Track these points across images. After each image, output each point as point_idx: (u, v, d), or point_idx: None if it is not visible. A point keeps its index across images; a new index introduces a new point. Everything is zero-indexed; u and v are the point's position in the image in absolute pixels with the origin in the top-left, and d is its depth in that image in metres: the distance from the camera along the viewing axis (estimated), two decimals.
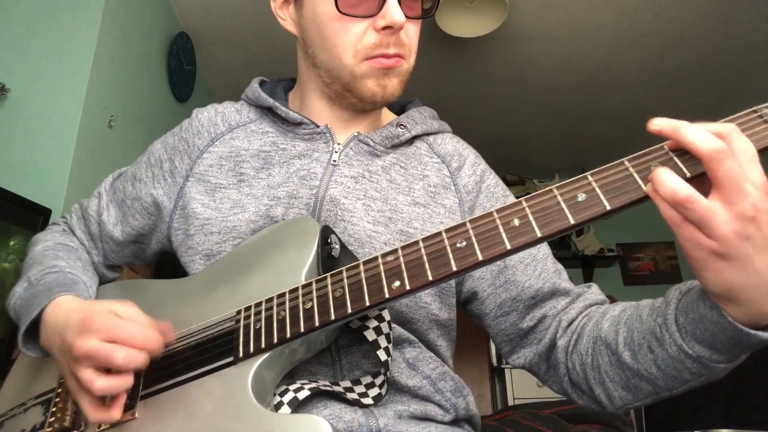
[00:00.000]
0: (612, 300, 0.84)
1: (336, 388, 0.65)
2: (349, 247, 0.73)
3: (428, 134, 0.90)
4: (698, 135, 0.47)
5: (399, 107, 0.95)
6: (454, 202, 0.84)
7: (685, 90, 3.34)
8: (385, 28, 0.74)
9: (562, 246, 4.18)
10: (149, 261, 0.94)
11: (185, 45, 2.75)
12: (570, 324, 0.77)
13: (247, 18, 2.71)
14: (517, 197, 0.93)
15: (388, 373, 0.68)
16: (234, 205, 0.78)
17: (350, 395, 0.65)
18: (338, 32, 0.76)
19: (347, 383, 0.67)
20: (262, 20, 2.73)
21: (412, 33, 0.79)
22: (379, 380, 0.68)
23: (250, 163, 0.82)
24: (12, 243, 1.43)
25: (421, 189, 0.83)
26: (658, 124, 0.50)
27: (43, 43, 1.86)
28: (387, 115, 0.92)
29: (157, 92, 2.49)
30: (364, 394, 0.66)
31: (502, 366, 3.18)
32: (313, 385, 0.62)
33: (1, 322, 1.36)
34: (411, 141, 0.88)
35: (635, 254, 4.29)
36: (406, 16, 0.75)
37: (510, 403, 3.14)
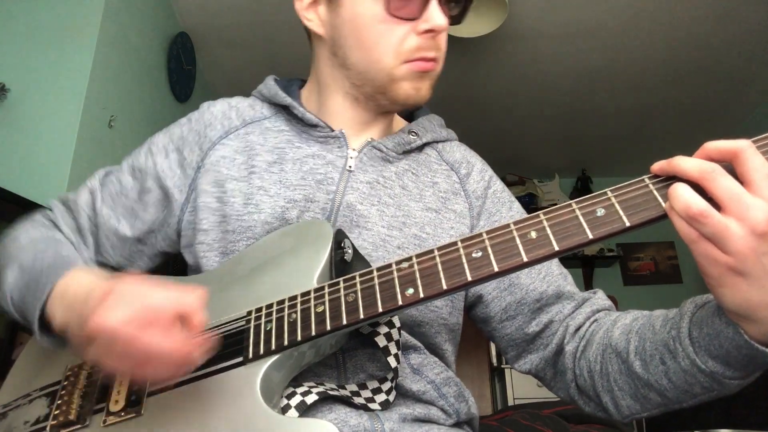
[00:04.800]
0: (613, 300, 0.84)
1: (343, 392, 0.65)
2: (363, 251, 0.73)
3: (437, 142, 0.91)
4: (687, 162, 0.49)
5: (407, 113, 0.96)
6: (464, 207, 0.85)
7: (685, 89, 3.34)
8: (426, 31, 0.75)
9: None
10: (143, 267, 0.88)
11: (185, 45, 2.75)
12: (578, 329, 0.77)
13: (247, 18, 2.71)
14: (517, 197, 0.94)
15: (396, 379, 0.68)
16: (246, 201, 0.77)
17: (357, 399, 0.65)
18: (381, 34, 0.76)
19: (354, 387, 0.67)
20: (262, 20, 2.73)
21: (445, 39, 0.80)
22: (385, 386, 0.68)
23: (263, 157, 0.81)
24: None
25: (432, 195, 0.84)
26: (657, 165, 0.52)
27: (43, 43, 1.86)
28: (398, 121, 0.93)
29: (157, 92, 2.49)
30: (371, 399, 0.66)
31: (502, 366, 3.17)
32: (321, 389, 0.62)
33: (1, 322, 1.36)
34: (421, 148, 0.89)
35: (635, 254, 4.29)
36: None
37: (510, 403, 3.14)
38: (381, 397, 0.67)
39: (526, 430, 1.06)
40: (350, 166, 0.81)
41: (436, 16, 0.75)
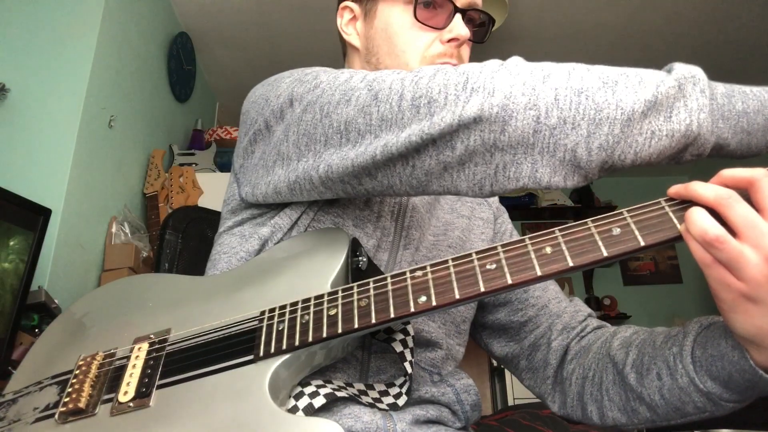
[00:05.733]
0: (613, 300, 0.86)
1: (351, 390, 0.65)
2: (420, 253, 0.79)
3: None
4: (703, 187, 0.49)
5: None
6: (489, 215, 0.94)
7: None
8: (450, 40, 0.82)
9: None
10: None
11: (185, 45, 2.75)
12: (565, 329, 0.81)
13: (247, 18, 2.71)
14: (517, 197, 0.98)
15: (410, 384, 0.68)
16: None
17: (365, 398, 0.66)
18: (410, 40, 0.83)
19: (361, 386, 0.68)
20: (262, 20, 2.73)
21: (467, 53, 0.87)
22: (393, 390, 0.69)
23: None
24: (12, 243, 1.42)
25: (461, 205, 0.92)
26: (674, 189, 0.52)
27: (43, 43, 1.86)
28: None
29: (157, 92, 2.49)
30: (378, 400, 0.67)
31: (502, 366, 3.17)
32: (328, 390, 0.63)
33: (1, 322, 1.36)
34: None
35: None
36: None
37: (510, 403, 3.13)
38: (388, 399, 0.67)
39: (526, 430, 1.06)
40: None
41: (459, 26, 0.81)
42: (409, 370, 0.66)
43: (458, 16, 0.82)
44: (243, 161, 0.76)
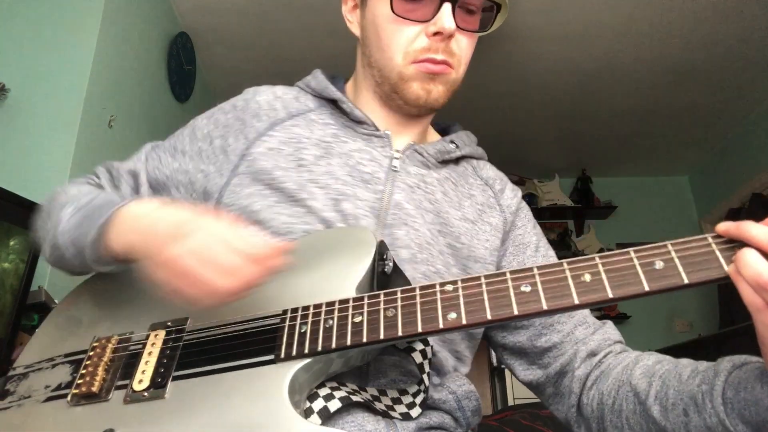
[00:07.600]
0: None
1: (365, 395, 0.64)
2: (410, 251, 0.76)
3: (473, 158, 0.94)
4: (757, 228, 0.47)
5: (440, 128, 0.98)
6: (499, 221, 0.88)
7: (685, 90, 3.34)
8: (435, 33, 0.77)
9: (562, 246, 4.17)
10: None
11: (185, 45, 2.75)
12: (590, 355, 0.77)
13: (247, 18, 2.71)
14: None
15: (426, 396, 0.67)
16: (300, 188, 0.77)
17: (378, 405, 0.65)
18: (392, 34, 0.79)
19: (374, 391, 0.67)
20: (262, 20, 2.73)
21: (464, 45, 0.81)
22: (407, 399, 0.68)
23: (310, 151, 0.81)
24: (12, 243, 1.42)
25: (469, 206, 0.87)
26: (723, 226, 0.50)
27: (43, 43, 1.86)
28: (432, 134, 0.95)
29: (157, 92, 2.49)
30: (391, 408, 0.66)
31: (502, 366, 3.17)
32: (344, 393, 0.62)
33: (1, 322, 1.36)
34: (457, 161, 0.91)
35: None
36: (459, 27, 0.78)
37: (510, 403, 3.14)
38: (401, 408, 0.67)
39: (526, 430, 1.06)
40: (395, 166, 0.82)
41: (444, 19, 0.76)
42: (427, 383, 0.65)
43: (446, 7, 0.76)
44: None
